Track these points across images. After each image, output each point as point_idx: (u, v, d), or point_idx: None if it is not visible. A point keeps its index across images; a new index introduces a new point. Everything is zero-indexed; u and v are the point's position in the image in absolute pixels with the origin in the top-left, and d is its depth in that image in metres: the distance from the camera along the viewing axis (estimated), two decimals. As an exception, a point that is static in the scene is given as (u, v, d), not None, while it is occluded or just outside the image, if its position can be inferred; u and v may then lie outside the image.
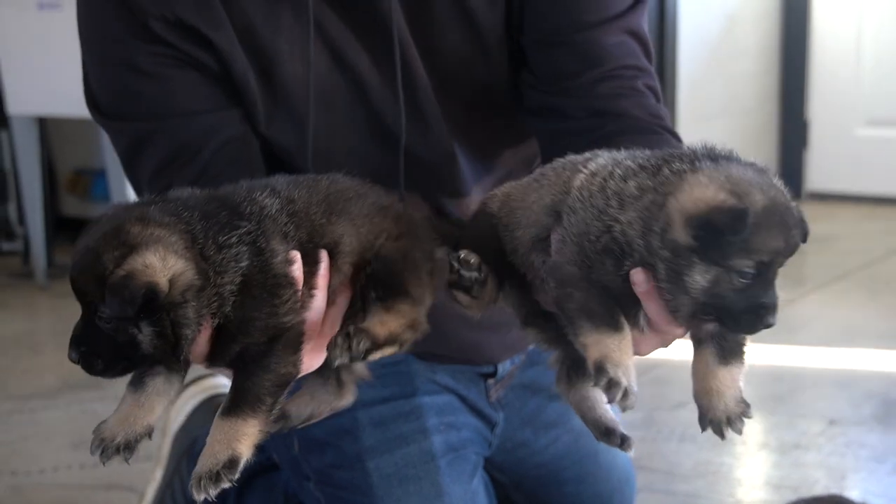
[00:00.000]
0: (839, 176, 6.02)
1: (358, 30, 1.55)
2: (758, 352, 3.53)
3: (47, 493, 2.70)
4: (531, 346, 1.81)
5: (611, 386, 1.14)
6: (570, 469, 1.93)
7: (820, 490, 2.55)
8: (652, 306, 1.20)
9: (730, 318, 1.14)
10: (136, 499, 2.26)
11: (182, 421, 2.16)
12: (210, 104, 1.55)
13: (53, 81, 4.23)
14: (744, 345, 1.23)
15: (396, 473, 1.74)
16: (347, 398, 1.47)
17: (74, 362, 1.18)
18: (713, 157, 1.17)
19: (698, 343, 1.24)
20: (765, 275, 1.12)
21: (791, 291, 4.34)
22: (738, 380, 1.21)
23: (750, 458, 2.79)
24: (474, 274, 1.29)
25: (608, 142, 1.40)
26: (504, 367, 1.82)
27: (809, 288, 4.38)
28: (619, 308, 1.18)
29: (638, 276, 1.18)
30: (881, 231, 5.34)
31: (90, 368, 1.19)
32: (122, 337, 1.17)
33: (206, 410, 2.18)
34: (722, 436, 1.20)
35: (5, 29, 4.49)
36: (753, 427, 3.00)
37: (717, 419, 1.20)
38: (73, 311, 3.62)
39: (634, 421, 2.93)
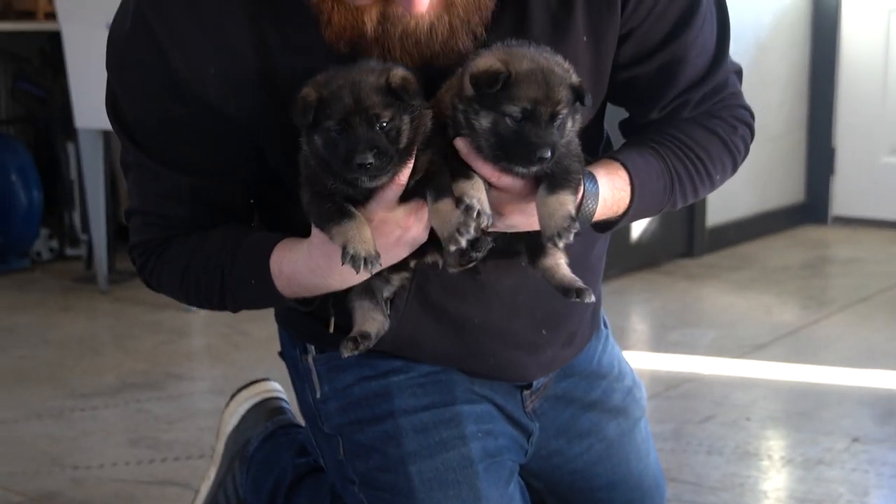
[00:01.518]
0: (864, 202, 5.97)
1: None
2: (783, 369, 3.52)
3: (106, 487, 2.72)
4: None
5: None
6: (603, 476, 1.92)
7: (842, 504, 2.53)
8: (476, 164, 1.40)
9: (512, 153, 1.38)
10: (190, 496, 2.27)
11: (236, 423, 2.17)
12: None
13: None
14: (571, 177, 1.42)
15: (437, 478, 1.74)
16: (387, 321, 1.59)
17: (367, 166, 1.32)
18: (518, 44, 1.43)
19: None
20: (532, 119, 1.37)
21: (816, 312, 4.32)
22: (565, 203, 1.41)
23: (775, 472, 2.77)
24: (480, 255, 1.46)
25: None
26: (539, 380, 1.81)
27: (834, 309, 4.35)
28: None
29: (458, 143, 1.41)
30: (904, 255, 5.30)
31: (380, 169, 1.34)
32: (392, 133, 1.35)
33: (259, 413, 2.19)
34: (556, 245, 1.40)
35: (74, 47, 4.54)
36: (778, 443, 2.98)
37: (550, 235, 1.40)
38: (131, 314, 3.68)
39: (664, 433, 2.91)
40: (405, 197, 1.43)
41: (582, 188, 1.46)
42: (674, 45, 1.58)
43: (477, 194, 1.39)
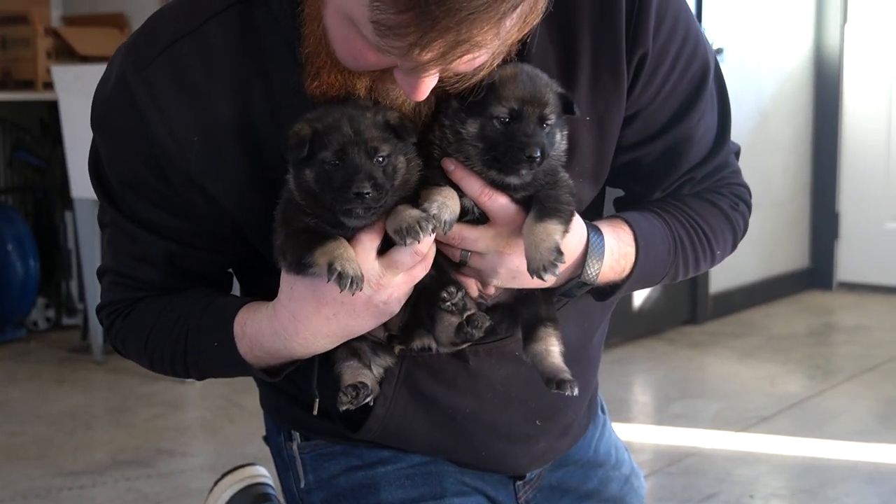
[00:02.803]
0: (869, 268, 5.94)
1: None
2: (787, 444, 3.47)
3: (90, 572, 2.65)
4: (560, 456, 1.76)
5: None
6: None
7: (850, 591, 2.45)
8: (465, 182, 1.37)
9: (501, 156, 1.34)
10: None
11: (220, 509, 2.11)
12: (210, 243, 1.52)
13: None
14: (561, 206, 1.38)
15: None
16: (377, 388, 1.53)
17: (364, 195, 1.29)
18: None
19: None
20: (520, 118, 1.34)
21: (822, 382, 4.25)
22: (553, 234, 1.36)
23: (780, 553, 2.70)
24: (477, 333, 1.40)
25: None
26: (533, 471, 1.75)
27: (840, 379, 4.28)
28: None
29: (445, 162, 1.37)
30: (911, 322, 5.25)
31: (375, 201, 1.30)
32: (388, 169, 1.32)
33: (244, 499, 2.12)
34: (542, 278, 1.34)
35: (72, 117, 4.54)
36: (783, 522, 2.92)
37: (535, 267, 1.34)
38: (125, 386, 3.63)
39: (665, 513, 2.85)
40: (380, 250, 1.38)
41: (576, 225, 1.42)
42: (680, 126, 1.55)
43: (442, 199, 1.35)
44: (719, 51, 5.26)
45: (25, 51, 5.16)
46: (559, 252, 1.34)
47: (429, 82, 1.26)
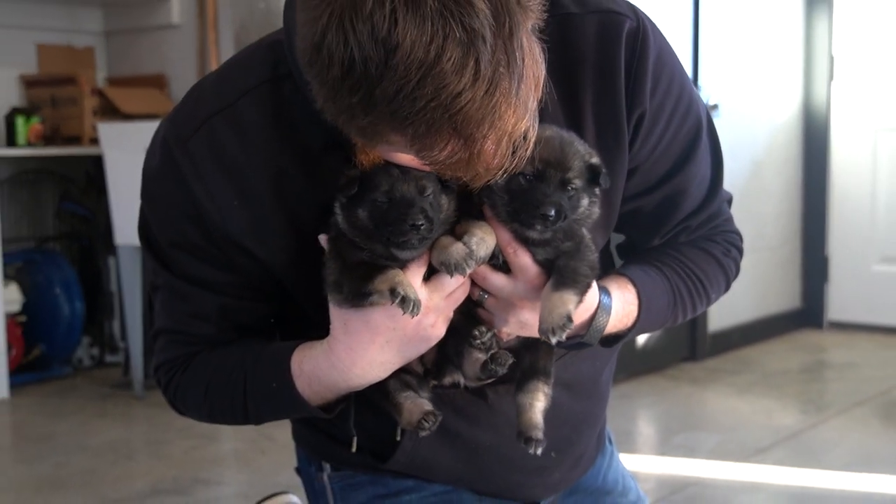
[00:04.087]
0: (857, 308, 5.92)
1: None
2: (784, 474, 3.44)
3: None
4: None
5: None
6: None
7: None
8: (497, 231, 1.36)
9: (520, 210, 1.35)
10: None
11: (254, 536, 2.11)
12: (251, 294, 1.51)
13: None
14: (579, 278, 1.37)
15: None
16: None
17: (419, 226, 1.30)
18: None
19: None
20: (542, 179, 1.35)
21: (813, 416, 4.23)
22: (567, 302, 1.36)
23: (778, 578, 2.68)
24: (501, 370, 1.40)
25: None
26: (547, 499, 1.76)
27: (832, 413, 4.26)
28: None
29: (486, 210, 1.37)
30: (896, 359, 5.22)
31: (428, 231, 1.32)
32: (434, 204, 1.33)
33: (277, 526, 2.13)
34: (549, 340, 1.34)
35: (115, 170, 4.59)
36: (781, 547, 2.90)
37: (545, 328, 1.34)
38: (164, 420, 3.63)
39: (670, 539, 2.83)
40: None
41: (590, 294, 1.42)
42: (677, 178, 1.55)
43: (481, 234, 1.36)
44: (715, 106, 5.29)
45: (73, 109, 5.21)
46: (570, 319, 1.35)
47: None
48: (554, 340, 1.34)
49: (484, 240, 1.36)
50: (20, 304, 5.03)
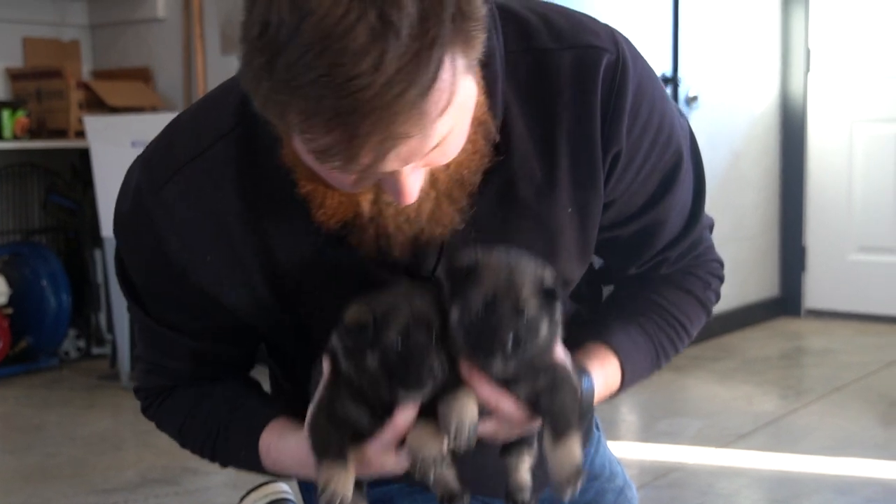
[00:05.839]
0: (835, 296, 5.96)
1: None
2: (764, 459, 3.47)
3: (124, 582, 2.65)
4: None
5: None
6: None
7: None
8: (477, 385, 1.27)
9: (478, 344, 1.25)
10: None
11: (246, 524, 2.12)
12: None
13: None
14: (569, 415, 1.30)
15: None
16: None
17: (434, 371, 1.24)
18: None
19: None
20: (494, 309, 1.24)
21: (793, 402, 4.26)
22: (573, 452, 1.28)
23: (760, 560, 2.70)
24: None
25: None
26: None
27: (811, 398, 4.29)
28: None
29: (462, 367, 1.27)
30: (874, 346, 5.25)
31: (437, 378, 1.25)
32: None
33: (269, 513, 2.13)
34: (564, 495, 1.28)
35: (102, 163, 4.57)
36: (762, 530, 2.92)
37: (557, 485, 1.28)
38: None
39: (653, 523, 2.85)
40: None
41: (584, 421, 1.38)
42: (655, 210, 1.49)
43: (459, 414, 1.25)
44: (694, 98, 5.31)
45: (59, 102, 5.18)
46: (581, 468, 1.29)
47: (409, 183, 1.17)
48: (569, 495, 1.28)
49: (462, 421, 1.25)
50: (6, 297, 5.01)
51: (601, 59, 1.33)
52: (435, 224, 1.29)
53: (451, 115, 1.11)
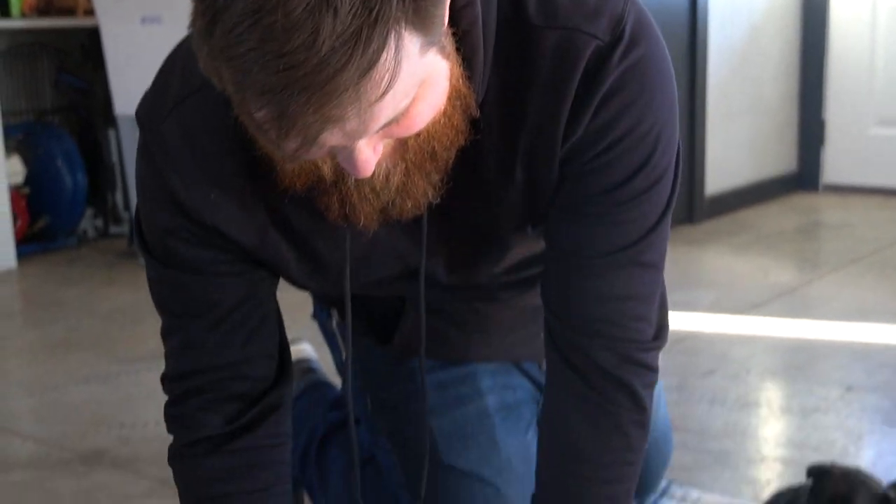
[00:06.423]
0: (853, 170, 5.93)
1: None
2: (779, 326, 3.49)
3: (150, 444, 2.71)
4: None
5: None
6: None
7: (838, 449, 2.50)
8: None
9: None
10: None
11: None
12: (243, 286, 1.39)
13: (155, 85, 4.26)
14: None
15: (456, 431, 1.72)
16: None
17: None
18: None
19: None
20: None
21: (809, 273, 4.28)
22: None
23: (774, 420, 2.74)
24: None
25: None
26: None
27: (825, 270, 4.31)
28: None
29: None
30: (891, 220, 5.24)
31: None
32: None
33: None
34: None
35: (113, 41, 4.53)
36: (777, 393, 2.95)
37: None
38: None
39: (669, 386, 2.89)
40: None
41: None
42: (604, 202, 1.30)
43: None
44: (714, -32, 5.20)
45: (67, -21, 5.12)
46: None
47: (362, 157, 1.08)
48: None
49: None
50: (23, 176, 5.03)
51: (587, 46, 1.20)
52: (406, 196, 1.21)
53: (399, 95, 1.01)
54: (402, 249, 1.39)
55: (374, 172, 1.13)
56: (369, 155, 1.08)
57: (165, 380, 1.47)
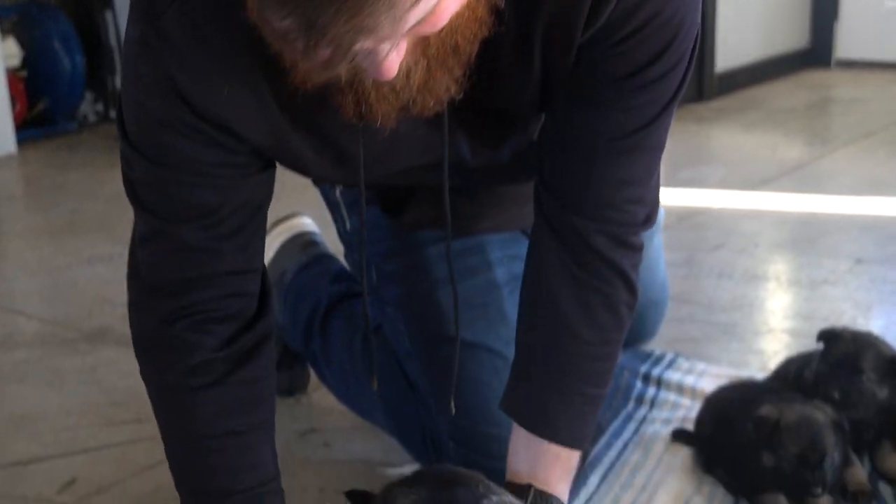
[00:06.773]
0: (866, 45, 5.81)
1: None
2: (788, 201, 3.45)
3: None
4: None
5: None
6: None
7: (847, 320, 2.48)
8: None
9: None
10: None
11: (271, 256, 2.14)
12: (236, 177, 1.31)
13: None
14: None
15: (465, 302, 1.70)
16: None
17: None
18: None
19: None
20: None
21: (820, 148, 4.22)
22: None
23: (783, 292, 2.73)
24: None
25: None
26: None
27: (837, 145, 4.25)
28: None
29: None
30: (905, 95, 5.17)
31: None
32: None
33: (293, 246, 2.16)
34: None
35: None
36: (785, 266, 2.93)
37: None
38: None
39: (678, 260, 2.87)
40: None
41: None
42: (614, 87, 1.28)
43: None
44: None
45: None
46: None
47: (388, 60, 1.01)
48: None
49: None
50: (20, 59, 4.94)
51: None
52: (427, 94, 1.15)
53: None
54: (426, 140, 1.35)
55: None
56: (394, 57, 1.01)
57: (143, 291, 1.34)
